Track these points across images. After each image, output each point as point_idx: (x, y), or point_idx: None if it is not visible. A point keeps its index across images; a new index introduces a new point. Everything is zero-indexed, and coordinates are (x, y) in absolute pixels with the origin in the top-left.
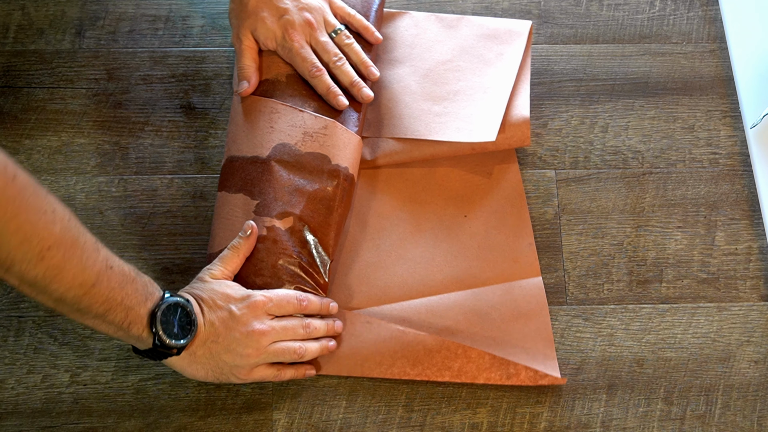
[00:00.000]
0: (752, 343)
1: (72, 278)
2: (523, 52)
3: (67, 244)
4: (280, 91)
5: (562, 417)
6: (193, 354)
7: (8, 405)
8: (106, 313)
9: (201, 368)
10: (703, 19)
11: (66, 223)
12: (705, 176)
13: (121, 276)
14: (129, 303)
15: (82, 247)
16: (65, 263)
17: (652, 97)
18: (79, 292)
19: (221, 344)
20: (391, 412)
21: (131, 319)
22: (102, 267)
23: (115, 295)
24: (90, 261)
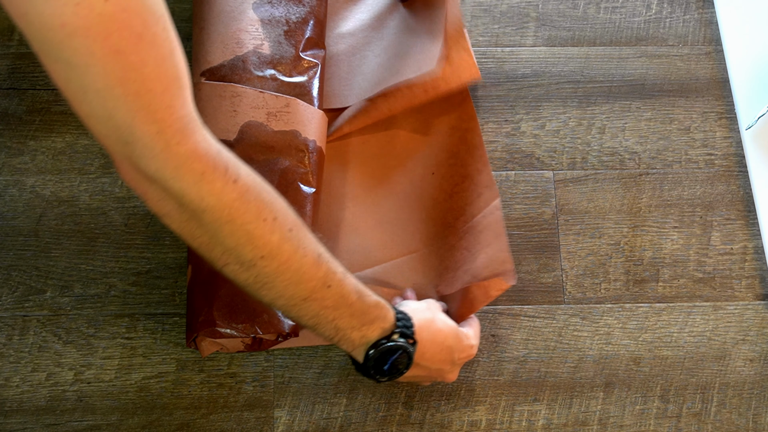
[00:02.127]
0: (747, 342)
1: (282, 289)
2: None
3: (283, 257)
4: (238, 75)
5: (560, 415)
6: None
7: (13, 403)
8: (315, 326)
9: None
10: (699, 22)
11: (286, 234)
12: (701, 177)
13: (338, 297)
14: (340, 324)
15: (300, 261)
16: (277, 275)
17: (648, 99)
18: (288, 302)
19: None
20: (391, 410)
21: (341, 338)
22: (318, 285)
23: (326, 313)
24: (305, 276)
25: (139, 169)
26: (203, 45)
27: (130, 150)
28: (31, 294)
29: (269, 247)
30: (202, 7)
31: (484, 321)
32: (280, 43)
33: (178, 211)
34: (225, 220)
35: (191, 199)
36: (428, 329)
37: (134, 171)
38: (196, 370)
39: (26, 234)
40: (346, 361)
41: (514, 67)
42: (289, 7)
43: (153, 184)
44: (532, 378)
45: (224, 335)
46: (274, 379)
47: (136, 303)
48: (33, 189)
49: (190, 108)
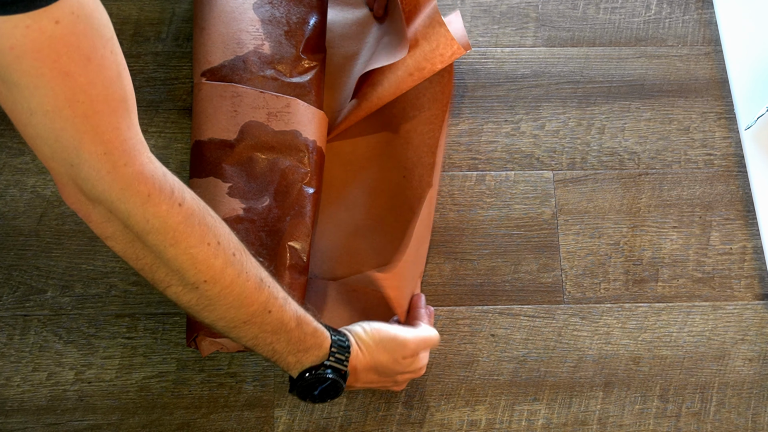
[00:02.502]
0: (746, 342)
1: (224, 312)
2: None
3: (226, 281)
4: (239, 76)
5: (560, 414)
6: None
7: (14, 402)
8: (253, 347)
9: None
10: (698, 23)
11: (230, 258)
12: (700, 177)
13: (277, 322)
14: (277, 348)
15: (242, 286)
16: (219, 298)
17: (648, 99)
18: (229, 324)
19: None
20: (391, 410)
21: (277, 359)
22: (258, 309)
23: (265, 336)
24: (247, 301)
25: (84, 191)
26: (204, 45)
27: (76, 172)
28: (32, 294)
29: (212, 271)
30: (202, 7)
31: (483, 320)
32: (281, 44)
33: (122, 233)
34: (169, 242)
35: (137, 221)
36: (366, 357)
37: (78, 193)
38: (196, 370)
39: (27, 234)
40: None
41: (513, 68)
42: (290, 7)
43: (97, 206)
44: (531, 377)
45: None
46: (274, 379)
47: (136, 303)
48: (34, 189)
49: (136, 130)
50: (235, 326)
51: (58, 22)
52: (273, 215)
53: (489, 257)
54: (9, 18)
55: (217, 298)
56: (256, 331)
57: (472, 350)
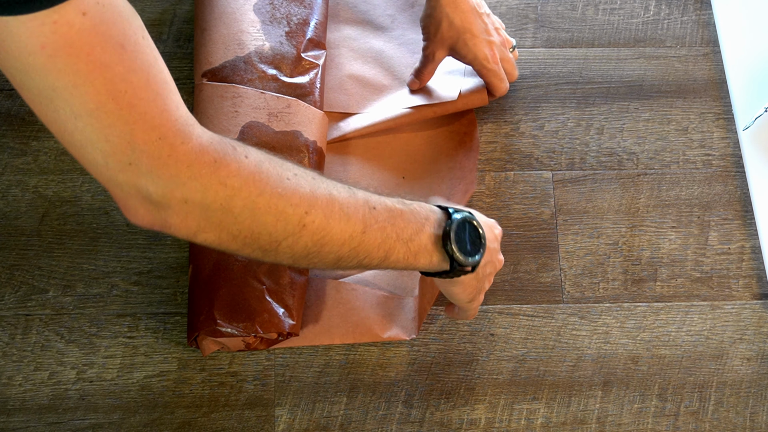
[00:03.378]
0: (745, 341)
1: (340, 233)
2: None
3: (322, 202)
4: (240, 76)
5: (559, 413)
6: (473, 276)
7: (16, 401)
8: (387, 256)
9: (468, 288)
10: (696, 24)
11: (312, 182)
12: (698, 177)
13: (386, 213)
14: (405, 236)
15: (338, 199)
16: (328, 221)
17: (646, 100)
18: (353, 244)
19: (489, 265)
20: (391, 409)
21: (415, 251)
22: (365, 211)
23: (388, 233)
24: (351, 209)
25: (151, 193)
26: (205, 46)
27: (136, 173)
28: (33, 293)
29: (307, 199)
30: (203, 8)
31: (483, 320)
32: (282, 44)
33: (207, 218)
34: (256, 194)
35: (215, 192)
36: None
37: (145, 204)
38: (197, 369)
39: (29, 234)
40: (346, 360)
41: None
42: (291, 8)
43: (169, 206)
44: (531, 377)
45: (225, 334)
46: (275, 378)
47: (137, 302)
48: (36, 189)
49: (184, 108)
50: (359, 242)
51: (85, 13)
52: None
53: None
54: (35, 16)
55: (326, 221)
56: (379, 235)
57: (471, 349)
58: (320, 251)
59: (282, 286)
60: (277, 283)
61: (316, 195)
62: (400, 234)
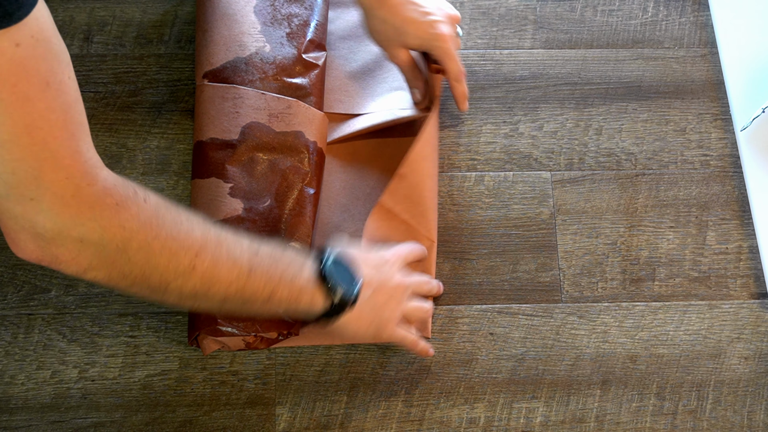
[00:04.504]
0: (742, 340)
1: (227, 274)
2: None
3: (212, 245)
4: (240, 77)
5: (558, 412)
6: (360, 308)
7: (18, 400)
8: (271, 295)
9: (364, 323)
10: (694, 25)
11: (203, 226)
12: (696, 177)
13: (269, 256)
14: (289, 276)
15: (226, 243)
16: (217, 263)
17: (644, 101)
18: (239, 284)
19: (381, 294)
20: (391, 407)
21: (298, 290)
22: (250, 253)
23: (273, 273)
24: (237, 251)
25: (46, 230)
26: (206, 47)
27: (34, 209)
28: (36, 293)
29: (198, 242)
30: (205, 10)
31: (482, 320)
32: (282, 45)
33: (100, 257)
34: (152, 237)
35: (113, 233)
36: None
37: (36, 240)
38: (198, 368)
39: None
40: (347, 359)
41: (512, 69)
42: (291, 9)
43: (64, 243)
44: (530, 376)
45: (226, 333)
46: (275, 377)
47: (139, 302)
48: None
49: (93, 150)
50: (245, 282)
51: (19, 44)
52: (274, 215)
53: (488, 257)
54: None
55: (215, 263)
56: (264, 275)
57: (471, 349)
58: (208, 291)
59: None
60: None
61: (206, 238)
62: (283, 275)
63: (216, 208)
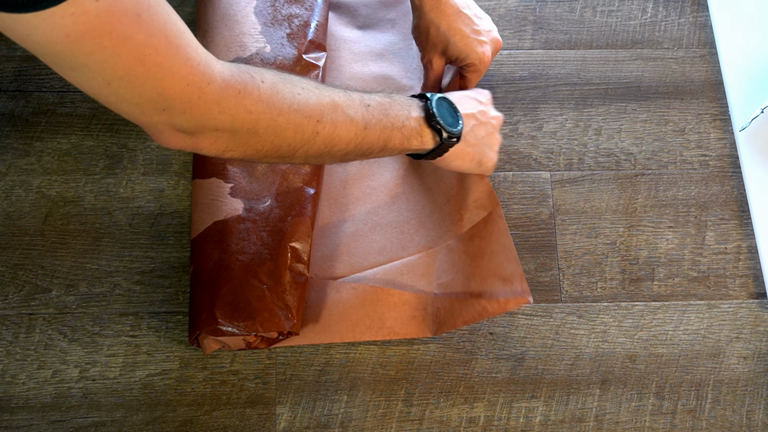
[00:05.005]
0: (741, 340)
1: (346, 133)
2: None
3: (329, 109)
4: None
5: (557, 411)
6: (465, 141)
7: (19, 399)
8: (386, 143)
9: (468, 156)
10: (693, 25)
11: (317, 92)
12: (695, 178)
13: (380, 107)
14: (399, 123)
15: (341, 103)
16: (336, 125)
17: (644, 101)
18: (358, 140)
19: (480, 127)
20: (391, 407)
21: (408, 134)
22: (362, 109)
23: (384, 124)
24: (352, 110)
25: (185, 129)
26: (207, 48)
27: (169, 116)
28: (37, 293)
29: (318, 110)
30: (205, 11)
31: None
32: (283, 46)
33: (235, 140)
34: (276, 114)
35: (243, 120)
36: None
37: (179, 134)
38: (199, 368)
39: (32, 233)
40: (346, 358)
41: (511, 70)
42: (292, 10)
43: (201, 133)
44: (529, 375)
45: (226, 333)
46: (275, 377)
47: (140, 301)
48: (39, 189)
49: (201, 48)
50: (363, 137)
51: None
52: (274, 215)
53: None
54: (52, 11)
55: (334, 125)
56: (378, 127)
57: (470, 348)
58: (331, 151)
59: (282, 286)
60: (277, 283)
61: (322, 104)
62: (394, 122)
63: (217, 208)
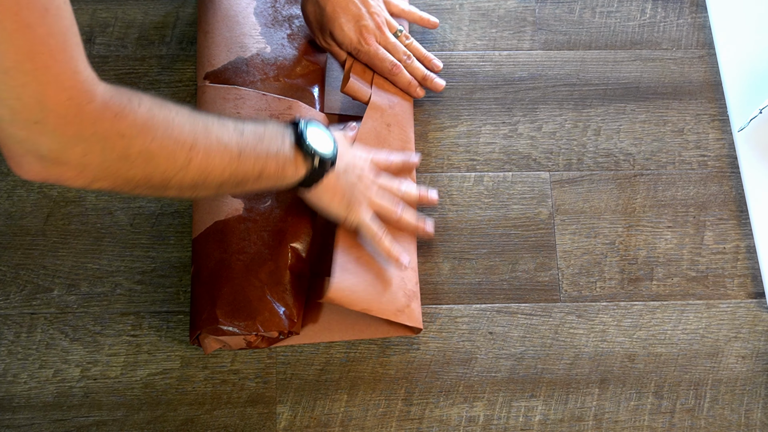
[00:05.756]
0: (740, 339)
1: (220, 160)
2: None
3: (202, 135)
4: (242, 78)
5: (556, 410)
6: (335, 177)
7: (21, 399)
8: (261, 172)
9: (338, 196)
10: (692, 26)
11: (190, 118)
12: (694, 178)
13: (254, 134)
14: (273, 151)
15: (214, 130)
16: (209, 152)
17: (643, 101)
18: (232, 168)
19: (351, 173)
20: (391, 406)
21: (282, 162)
22: (237, 136)
23: (259, 152)
24: (226, 137)
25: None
26: (208, 48)
27: (38, 132)
28: (38, 292)
29: (191, 136)
30: (206, 11)
31: (481, 318)
32: (283, 46)
33: (103, 168)
34: (149, 139)
35: (114, 142)
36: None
37: (41, 161)
38: (200, 367)
39: (34, 233)
40: (347, 357)
41: (511, 70)
42: (292, 11)
43: (66, 160)
44: (529, 374)
45: (227, 333)
46: (276, 376)
47: (141, 301)
48: (41, 189)
49: (89, 67)
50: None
51: None
52: (275, 215)
53: (487, 256)
54: None
55: (208, 152)
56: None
57: (470, 348)
58: (205, 180)
59: (283, 285)
60: (278, 282)
61: (196, 130)
62: (269, 150)
63: (217, 207)
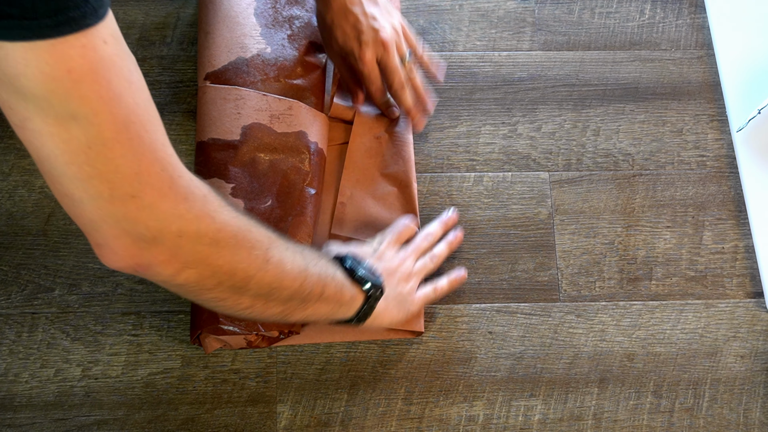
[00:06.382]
0: (738, 339)
1: (292, 267)
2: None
3: (274, 238)
4: (242, 79)
5: (556, 410)
6: (386, 296)
7: (22, 398)
8: (323, 291)
9: (394, 307)
10: (691, 27)
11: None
12: (693, 178)
13: (311, 254)
14: (330, 273)
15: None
16: (283, 256)
17: (642, 102)
18: (301, 279)
19: (393, 277)
20: (391, 405)
21: (339, 286)
22: (300, 251)
23: (320, 270)
24: (292, 249)
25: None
26: (208, 49)
27: (138, 204)
28: (39, 292)
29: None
30: (207, 12)
31: (481, 318)
32: (284, 47)
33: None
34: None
35: (207, 225)
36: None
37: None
38: (200, 366)
39: (35, 233)
40: (347, 357)
41: (510, 71)
42: (293, 11)
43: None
44: (528, 374)
45: (227, 332)
46: (276, 375)
47: (142, 301)
48: (42, 190)
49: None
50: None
51: (106, 42)
52: (275, 215)
53: (487, 256)
54: (64, 39)
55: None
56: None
57: (470, 347)
58: (279, 286)
59: None
60: None
61: (268, 234)
62: (327, 271)
63: None
